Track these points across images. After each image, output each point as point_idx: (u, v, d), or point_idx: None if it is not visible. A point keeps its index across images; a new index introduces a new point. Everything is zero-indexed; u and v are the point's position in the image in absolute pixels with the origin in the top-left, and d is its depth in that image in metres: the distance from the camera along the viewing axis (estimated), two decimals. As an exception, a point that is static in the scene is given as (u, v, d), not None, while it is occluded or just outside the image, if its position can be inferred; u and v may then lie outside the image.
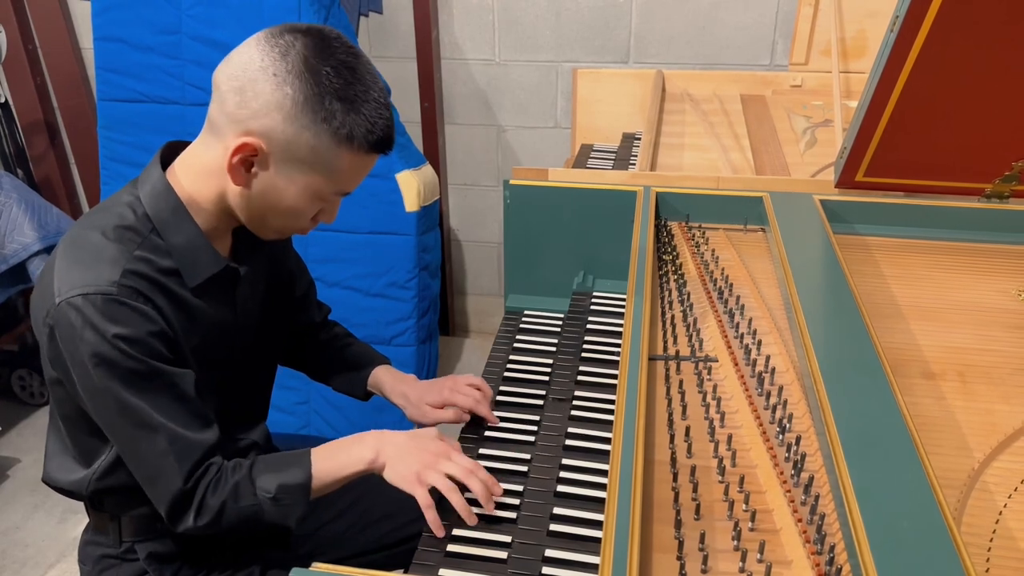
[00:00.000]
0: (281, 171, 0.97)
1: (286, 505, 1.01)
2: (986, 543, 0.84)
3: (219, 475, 1.01)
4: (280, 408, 2.39)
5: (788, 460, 0.93)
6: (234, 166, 0.96)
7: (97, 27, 2.28)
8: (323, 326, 1.36)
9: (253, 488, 1.01)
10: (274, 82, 0.91)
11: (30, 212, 2.33)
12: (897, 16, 1.19)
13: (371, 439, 1.05)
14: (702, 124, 2.02)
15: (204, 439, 1.00)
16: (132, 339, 0.94)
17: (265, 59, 0.92)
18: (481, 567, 0.94)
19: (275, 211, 1.01)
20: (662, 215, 1.51)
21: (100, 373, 0.94)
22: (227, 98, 0.94)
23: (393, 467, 1.03)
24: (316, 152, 0.95)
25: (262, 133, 0.93)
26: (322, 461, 1.04)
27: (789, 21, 2.37)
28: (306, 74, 0.91)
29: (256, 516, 1.01)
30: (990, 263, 1.36)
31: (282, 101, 0.92)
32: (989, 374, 1.09)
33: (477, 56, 2.62)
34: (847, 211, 1.46)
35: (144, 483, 1.02)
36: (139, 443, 0.98)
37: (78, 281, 0.94)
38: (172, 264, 1.00)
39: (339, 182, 1.00)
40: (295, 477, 1.02)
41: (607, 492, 0.86)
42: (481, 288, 3.05)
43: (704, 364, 1.14)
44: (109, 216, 1.00)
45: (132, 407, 0.96)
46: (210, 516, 1.00)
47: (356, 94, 0.94)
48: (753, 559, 0.83)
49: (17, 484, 2.42)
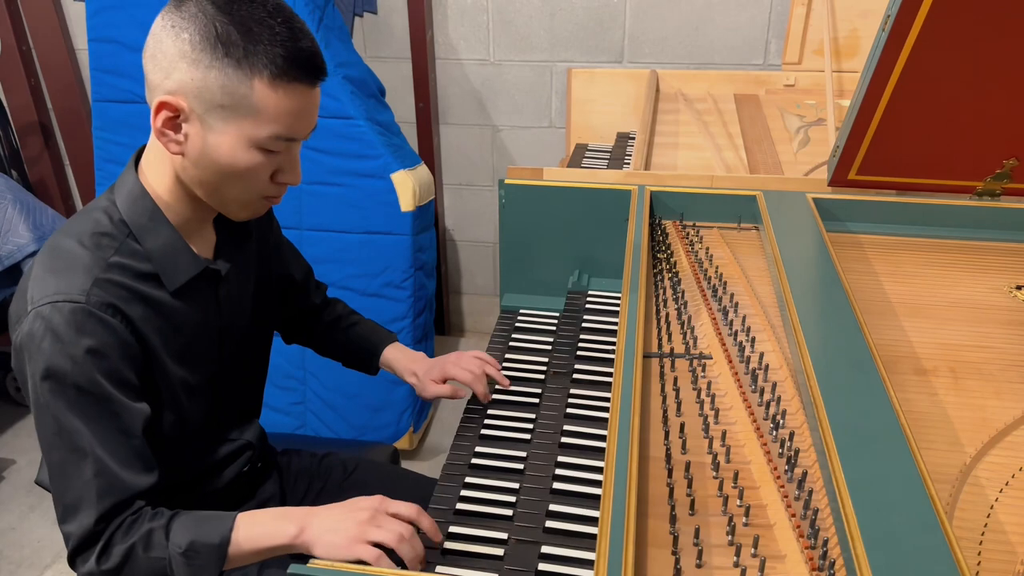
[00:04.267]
0: (207, 124, 0.93)
1: (197, 565, 0.93)
2: (978, 537, 0.84)
3: (135, 518, 0.94)
4: (277, 408, 2.39)
5: (782, 456, 0.94)
6: (161, 131, 0.94)
7: (91, 28, 2.27)
8: (324, 306, 1.39)
9: (166, 540, 0.93)
10: (173, 33, 0.91)
11: (25, 213, 2.33)
12: (889, 15, 1.20)
13: (299, 513, 0.96)
14: (696, 123, 2.03)
15: (134, 482, 0.94)
16: (95, 351, 0.91)
17: (164, 18, 0.92)
18: (478, 564, 0.94)
19: (223, 175, 0.96)
20: (656, 214, 1.51)
21: (47, 387, 0.91)
22: (148, 72, 0.94)
23: (322, 540, 0.92)
24: (229, 92, 0.91)
25: (175, 89, 0.92)
26: (246, 528, 0.95)
27: (782, 21, 2.38)
28: (200, 15, 0.90)
29: (162, 571, 0.93)
30: (982, 260, 1.36)
31: (182, 48, 0.90)
32: (981, 370, 1.09)
33: (472, 56, 2.63)
34: (840, 209, 1.47)
35: (61, 512, 0.95)
36: (67, 467, 0.93)
37: (50, 289, 0.93)
38: (151, 268, 0.99)
39: (270, 122, 0.93)
40: (211, 537, 0.93)
41: (602, 488, 0.87)
42: (476, 287, 3.06)
43: (698, 361, 1.14)
44: (86, 223, 0.99)
45: (69, 428, 0.92)
46: (115, 562, 0.92)
47: (253, 19, 0.90)
48: (747, 553, 0.84)
49: (13, 485, 2.41)
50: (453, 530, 1.00)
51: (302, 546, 0.93)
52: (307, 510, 0.96)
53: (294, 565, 0.83)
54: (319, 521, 0.94)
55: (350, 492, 1.34)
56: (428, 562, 0.94)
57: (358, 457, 1.41)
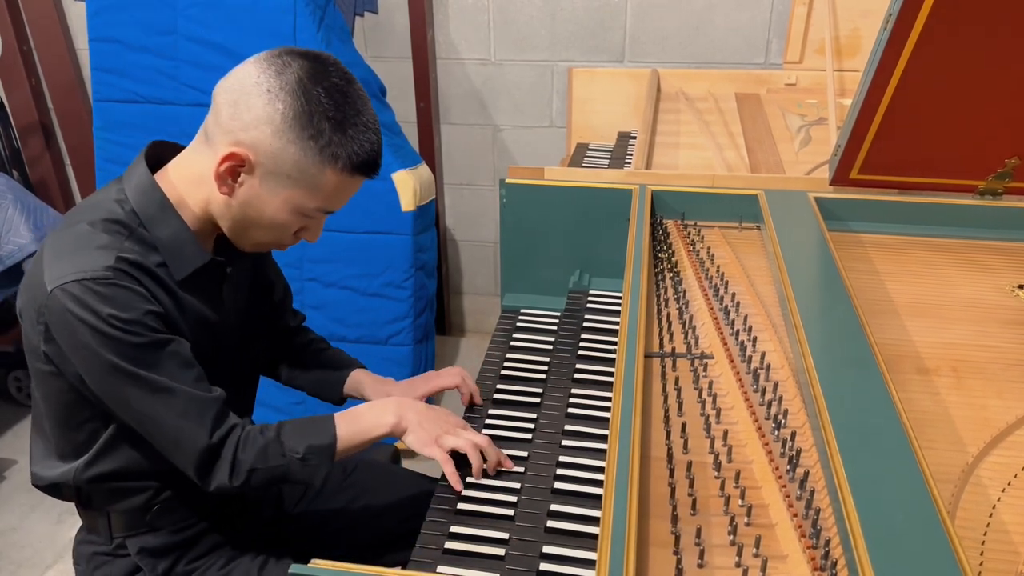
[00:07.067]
0: (265, 183, 1.00)
1: (313, 465, 1.06)
2: (980, 537, 0.84)
3: (246, 435, 1.04)
4: (277, 408, 2.38)
5: (783, 456, 0.94)
6: (221, 174, 0.99)
7: (92, 28, 2.27)
8: (298, 331, 1.38)
9: (282, 449, 1.05)
10: (267, 97, 0.96)
11: (26, 213, 2.33)
12: (890, 14, 1.20)
13: (393, 405, 1.11)
14: (697, 123, 2.02)
15: (216, 395, 1.04)
16: (130, 320, 0.96)
17: (261, 76, 0.97)
18: (479, 563, 0.94)
19: (256, 223, 1.04)
20: (658, 213, 1.51)
21: (107, 352, 0.96)
22: (222, 110, 0.98)
23: (414, 431, 1.09)
24: (300, 167, 0.98)
25: (251, 144, 0.97)
26: (346, 425, 1.08)
27: (783, 20, 2.37)
28: (298, 92, 0.96)
29: (284, 476, 1.06)
30: (984, 259, 1.36)
31: (272, 115, 0.96)
32: (983, 369, 1.09)
33: (472, 56, 2.63)
34: (841, 208, 1.47)
35: (167, 449, 1.03)
36: (157, 409, 1.00)
37: (69, 269, 0.96)
38: (159, 259, 1.03)
39: (321, 199, 1.02)
40: (322, 439, 1.06)
41: (604, 488, 0.87)
42: (477, 287, 3.06)
43: (700, 361, 1.14)
44: (96, 211, 1.02)
45: (144, 377, 0.98)
46: (243, 476, 1.03)
47: (346, 117, 0.98)
48: (749, 553, 0.83)
49: (14, 485, 2.41)
50: (454, 530, 1.00)
51: (399, 433, 1.10)
52: (397, 401, 1.12)
53: (295, 565, 0.83)
54: (412, 415, 1.10)
55: (350, 492, 1.35)
56: (428, 562, 0.95)
57: (358, 457, 1.41)
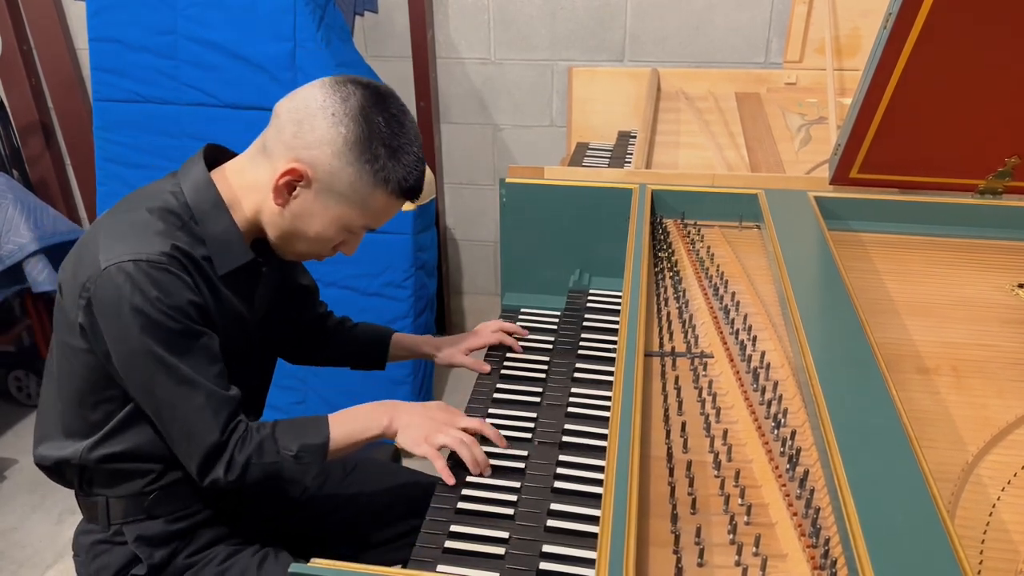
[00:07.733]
0: (319, 198, 1.07)
1: (306, 463, 1.10)
2: (980, 536, 0.84)
3: (246, 433, 1.09)
4: (278, 408, 2.39)
5: (783, 455, 0.94)
6: (279, 187, 1.06)
7: (92, 28, 2.27)
8: (328, 316, 1.44)
9: (276, 447, 1.09)
10: (331, 120, 1.04)
11: (26, 213, 2.33)
12: (890, 14, 1.20)
13: (386, 407, 1.15)
14: (697, 122, 2.02)
15: (234, 395, 1.09)
16: (175, 305, 1.02)
17: (327, 100, 1.04)
18: (479, 563, 0.94)
19: (303, 235, 1.11)
20: (658, 213, 1.51)
21: (145, 333, 1.01)
22: (285, 127, 1.05)
23: (404, 432, 1.13)
24: (354, 188, 1.06)
25: (310, 162, 1.05)
26: (339, 426, 1.12)
27: (783, 19, 2.37)
28: (360, 119, 1.04)
29: (277, 473, 1.09)
30: (984, 259, 1.36)
31: (335, 138, 1.04)
32: (983, 369, 1.09)
33: (472, 55, 2.63)
34: (842, 208, 1.47)
35: (177, 440, 1.07)
36: (177, 399, 1.04)
37: (127, 249, 1.01)
38: (205, 253, 1.09)
39: (369, 218, 1.11)
40: (315, 439, 1.10)
41: (604, 487, 0.87)
42: (477, 287, 3.06)
43: (700, 360, 1.14)
44: (153, 200, 1.08)
45: (173, 366, 1.03)
46: (237, 472, 1.07)
47: (400, 145, 1.07)
48: (749, 552, 0.83)
49: (15, 485, 2.42)
50: (454, 529, 1.00)
51: (391, 434, 1.14)
52: (390, 404, 1.16)
53: (295, 564, 0.83)
54: (403, 416, 1.14)
55: (350, 490, 1.35)
56: (428, 560, 0.95)
57: (358, 456, 1.41)
